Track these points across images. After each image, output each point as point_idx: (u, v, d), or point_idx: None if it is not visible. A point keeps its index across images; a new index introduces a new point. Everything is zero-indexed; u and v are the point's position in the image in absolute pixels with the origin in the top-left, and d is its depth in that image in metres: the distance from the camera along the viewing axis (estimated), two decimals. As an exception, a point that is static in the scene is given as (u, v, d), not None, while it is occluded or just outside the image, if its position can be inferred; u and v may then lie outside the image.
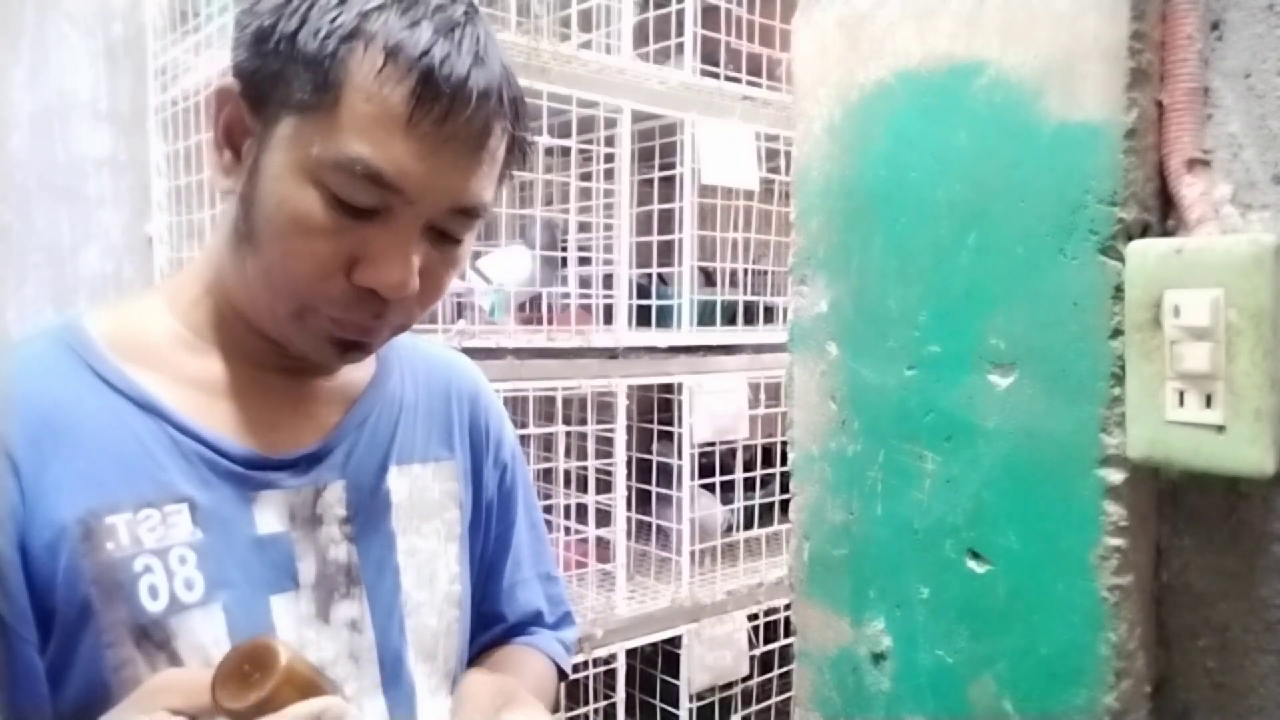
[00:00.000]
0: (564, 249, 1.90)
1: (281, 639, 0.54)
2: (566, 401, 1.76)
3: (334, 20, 0.59)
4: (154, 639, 0.61)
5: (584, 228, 1.90)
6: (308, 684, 0.53)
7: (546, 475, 1.84)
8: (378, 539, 0.73)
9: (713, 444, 1.99)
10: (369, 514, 0.73)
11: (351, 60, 0.59)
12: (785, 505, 1.28)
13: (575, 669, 1.73)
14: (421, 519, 0.77)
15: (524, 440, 1.64)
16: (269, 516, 0.68)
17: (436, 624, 0.76)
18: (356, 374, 0.77)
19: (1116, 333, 0.55)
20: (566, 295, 1.88)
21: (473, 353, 1.60)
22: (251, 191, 0.64)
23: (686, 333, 1.94)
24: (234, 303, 0.69)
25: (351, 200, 0.60)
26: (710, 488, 2.02)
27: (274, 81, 0.61)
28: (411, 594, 0.74)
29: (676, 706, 1.97)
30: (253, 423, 0.69)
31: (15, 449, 0.61)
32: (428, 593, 0.76)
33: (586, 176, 1.88)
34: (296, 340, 0.67)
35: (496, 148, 0.65)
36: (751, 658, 2.06)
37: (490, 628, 0.87)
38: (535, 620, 0.89)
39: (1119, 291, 0.55)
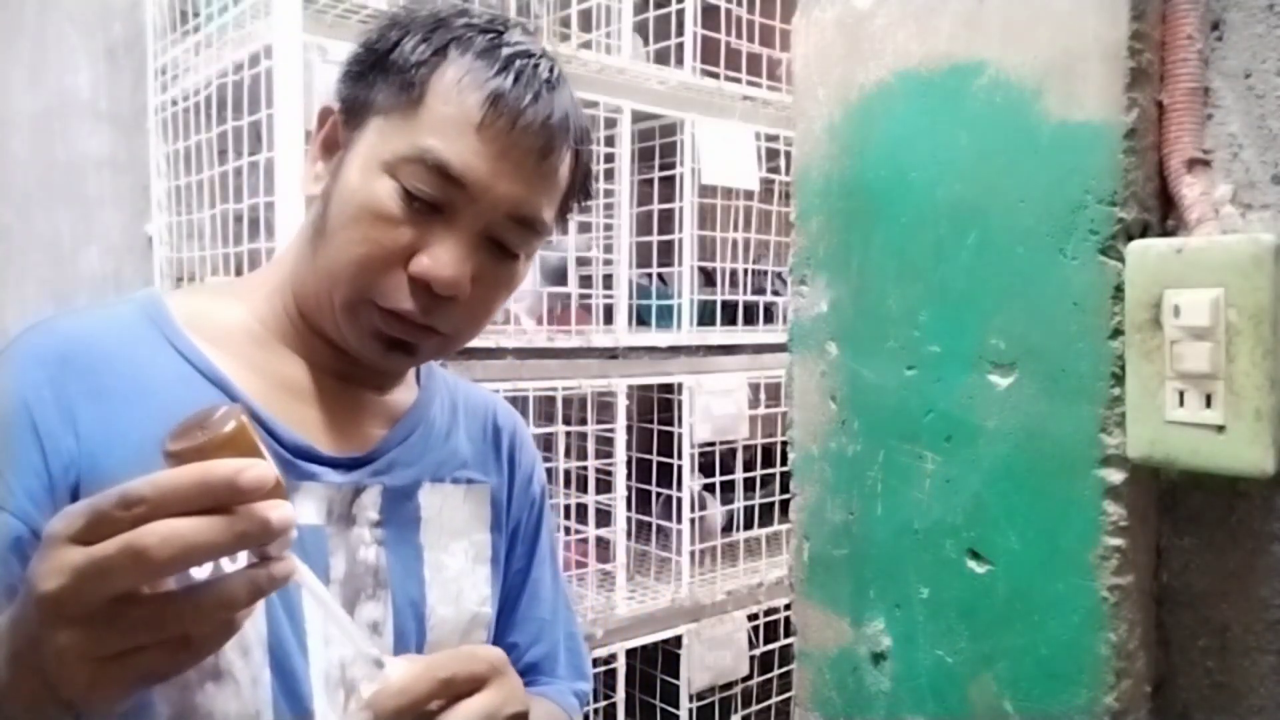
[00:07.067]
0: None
1: (246, 417, 0.49)
2: (566, 401, 1.76)
3: (424, 40, 0.68)
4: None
5: (584, 228, 1.90)
6: (251, 454, 0.49)
7: (547, 475, 1.84)
8: (406, 548, 0.74)
9: (713, 444, 1.99)
10: (399, 524, 0.74)
11: (435, 73, 0.67)
12: (785, 505, 1.28)
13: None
14: (450, 537, 0.77)
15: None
16: (308, 508, 0.69)
17: (460, 643, 0.76)
18: (402, 396, 0.79)
19: (1116, 333, 0.55)
20: (566, 295, 1.89)
21: (473, 353, 1.61)
22: (333, 187, 0.69)
23: (686, 333, 1.94)
24: (300, 302, 0.72)
25: (419, 192, 0.65)
26: (710, 488, 2.02)
27: (366, 95, 0.69)
28: (436, 608, 0.75)
29: (676, 706, 1.97)
30: (306, 418, 0.71)
31: (77, 404, 0.62)
32: (453, 609, 0.76)
33: (586, 176, 1.88)
34: (347, 333, 0.69)
35: (560, 168, 0.70)
36: (751, 658, 2.06)
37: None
38: (549, 664, 0.88)
39: (1119, 291, 0.55)
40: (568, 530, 1.86)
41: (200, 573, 0.48)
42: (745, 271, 2.07)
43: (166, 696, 0.62)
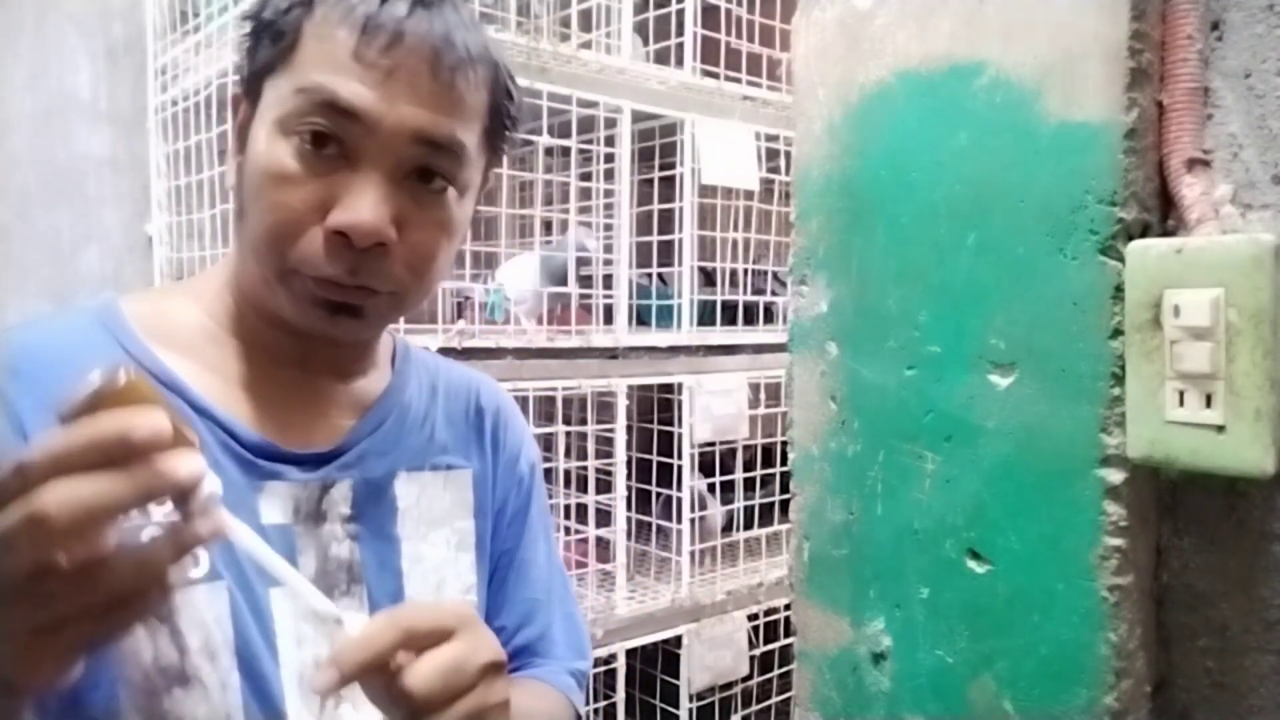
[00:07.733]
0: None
1: (140, 373, 0.47)
2: (566, 401, 1.76)
3: None
4: (156, 611, 0.61)
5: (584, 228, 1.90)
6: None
7: (547, 475, 1.84)
8: (381, 542, 0.73)
9: (713, 444, 1.99)
10: (374, 516, 0.73)
11: (306, 16, 0.65)
12: (785, 505, 1.28)
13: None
14: (429, 526, 0.76)
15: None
16: (274, 508, 0.68)
17: None
18: (372, 382, 0.78)
19: (1116, 333, 0.55)
20: (566, 295, 1.89)
21: (473, 353, 1.61)
22: (243, 164, 0.68)
23: (686, 333, 1.94)
24: (246, 292, 0.71)
25: (316, 127, 0.63)
26: (710, 488, 2.02)
27: (254, 64, 0.67)
28: (415, 600, 0.74)
29: (676, 706, 1.97)
30: (267, 414, 0.70)
31: (28, 418, 0.61)
32: (434, 600, 0.75)
33: (586, 176, 1.89)
34: (288, 308, 0.67)
35: (460, 84, 0.66)
36: (751, 658, 2.06)
37: None
38: (543, 645, 0.85)
39: (1119, 291, 0.55)
40: (568, 530, 1.86)
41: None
42: (745, 271, 2.07)
43: (133, 702, 0.61)
